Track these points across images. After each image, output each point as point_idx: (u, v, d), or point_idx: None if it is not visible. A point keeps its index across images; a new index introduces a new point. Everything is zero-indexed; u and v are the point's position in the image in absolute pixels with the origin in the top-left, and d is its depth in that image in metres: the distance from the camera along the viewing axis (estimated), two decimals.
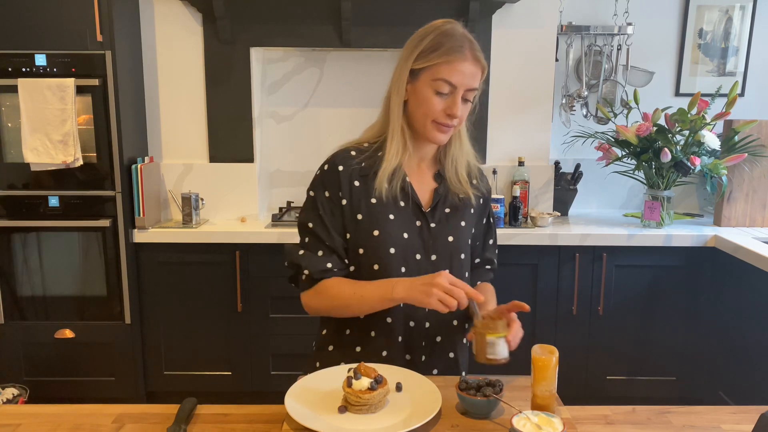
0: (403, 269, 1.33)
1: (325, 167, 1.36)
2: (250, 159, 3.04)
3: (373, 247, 1.32)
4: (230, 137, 3.02)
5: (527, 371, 1.16)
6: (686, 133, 2.77)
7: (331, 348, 1.42)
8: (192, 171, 3.05)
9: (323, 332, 1.45)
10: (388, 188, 1.33)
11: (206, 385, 2.89)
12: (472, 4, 2.82)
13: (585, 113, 3.17)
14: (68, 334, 2.80)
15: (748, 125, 2.83)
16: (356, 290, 1.31)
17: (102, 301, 2.79)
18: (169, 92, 3.00)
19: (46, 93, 2.59)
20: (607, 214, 3.21)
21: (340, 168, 1.34)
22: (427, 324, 1.37)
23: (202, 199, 2.97)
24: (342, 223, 1.34)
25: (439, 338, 1.39)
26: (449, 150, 1.40)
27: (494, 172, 3.05)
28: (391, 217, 1.33)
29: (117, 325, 2.80)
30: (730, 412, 1.19)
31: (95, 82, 2.62)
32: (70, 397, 2.81)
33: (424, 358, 1.38)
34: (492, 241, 1.52)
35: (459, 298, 1.19)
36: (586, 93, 3.14)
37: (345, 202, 1.34)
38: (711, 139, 2.73)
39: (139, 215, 2.77)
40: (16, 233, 2.74)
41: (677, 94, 3.25)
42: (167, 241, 2.78)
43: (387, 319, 1.35)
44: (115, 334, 2.81)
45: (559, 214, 3.09)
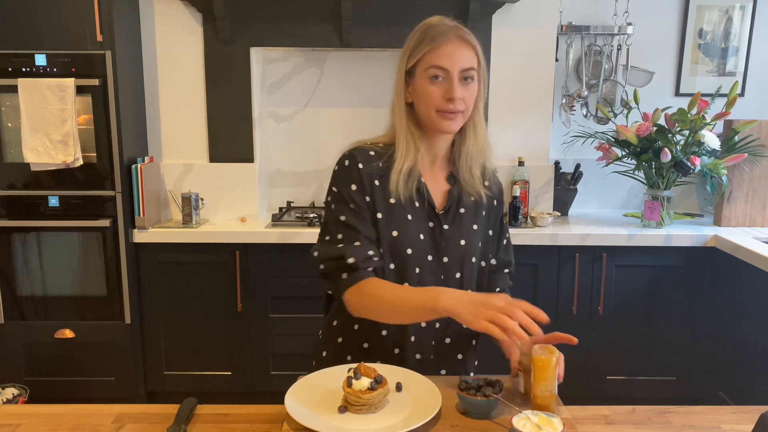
0: (418, 270, 1.34)
1: (346, 163, 1.34)
2: (250, 159, 3.04)
3: (392, 247, 1.32)
4: (230, 137, 3.02)
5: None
6: (686, 133, 2.77)
7: (340, 340, 1.41)
8: (192, 171, 3.05)
9: (333, 323, 1.43)
10: (404, 189, 1.32)
11: (206, 385, 2.89)
12: (472, 4, 2.82)
13: (585, 113, 3.17)
14: (68, 334, 2.80)
15: (748, 125, 2.83)
16: (399, 294, 1.25)
17: (102, 301, 2.79)
18: (169, 92, 3.00)
19: (46, 93, 2.59)
20: (607, 214, 3.21)
21: (361, 166, 1.33)
22: (437, 324, 1.37)
23: (202, 199, 2.97)
24: (369, 214, 1.33)
25: (448, 340, 1.39)
26: (464, 145, 1.38)
27: (494, 172, 3.05)
28: (409, 218, 1.33)
29: (117, 325, 2.80)
30: (730, 412, 1.19)
31: (95, 82, 2.62)
32: (70, 397, 2.81)
33: (432, 357, 1.38)
34: (506, 242, 1.50)
35: (519, 320, 1.08)
36: (586, 93, 3.14)
37: (368, 199, 1.33)
38: (711, 139, 2.73)
39: (139, 215, 2.77)
40: (16, 233, 2.74)
41: (677, 94, 3.25)
42: (167, 241, 2.78)
43: None
44: (115, 334, 2.81)
45: (559, 214, 3.09)
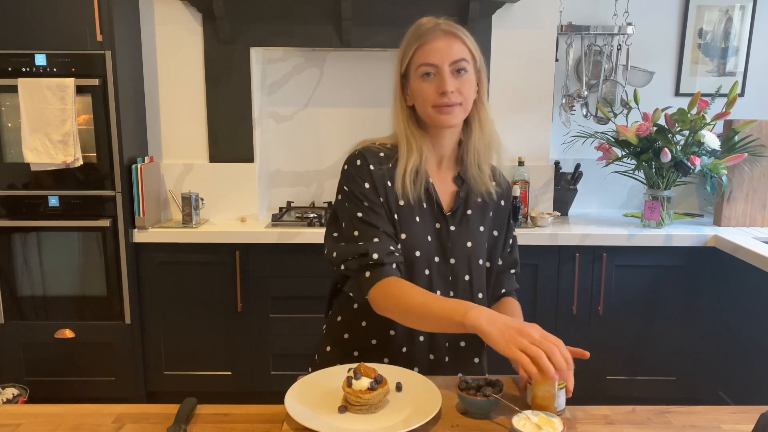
0: (427, 272, 1.34)
1: (358, 162, 1.33)
2: (250, 159, 3.04)
3: (402, 250, 1.32)
4: (230, 137, 3.02)
5: None
6: (686, 133, 2.77)
7: (346, 336, 1.40)
8: (192, 171, 3.05)
9: (337, 319, 1.43)
10: (412, 190, 1.32)
11: (206, 385, 2.89)
12: (472, 4, 2.82)
13: (585, 113, 3.17)
14: (68, 334, 2.80)
15: (748, 125, 2.83)
16: (425, 300, 1.21)
17: (102, 301, 2.79)
18: (169, 92, 3.00)
19: (46, 93, 2.59)
20: (607, 214, 3.21)
21: (372, 167, 1.32)
22: None
23: (202, 199, 2.97)
24: (386, 213, 1.31)
25: (463, 343, 1.38)
26: (470, 141, 1.37)
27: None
28: (417, 220, 1.33)
29: (117, 325, 2.80)
30: (730, 412, 1.19)
31: (95, 82, 2.62)
32: (70, 397, 2.81)
33: (447, 359, 1.38)
34: (512, 241, 1.49)
35: (555, 361, 1.02)
36: (586, 93, 3.14)
37: (382, 199, 1.32)
38: (711, 139, 2.73)
39: (139, 215, 2.77)
40: (16, 233, 2.74)
41: (677, 94, 3.25)
42: (167, 241, 2.78)
43: None
44: (115, 334, 2.81)
45: (559, 214, 3.09)
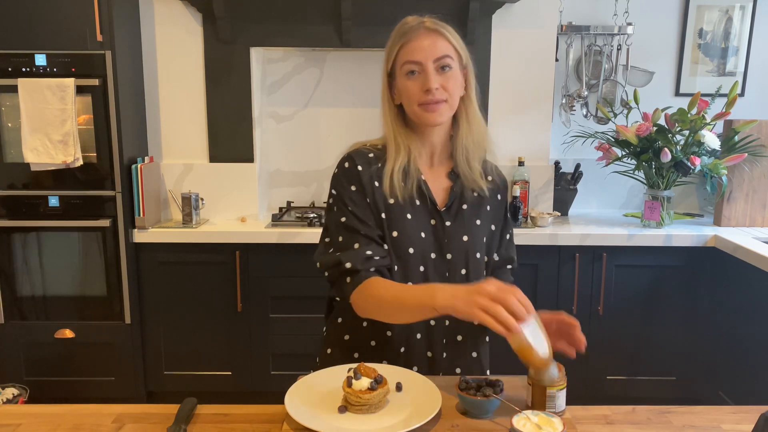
0: (422, 268, 1.34)
1: (346, 165, 1.35)
2: (250, 159, 3.04)
3: (394, 248, 1.32)
4: (230, 137, 3.02)
5: (526, 370, 1.15)
6: (686, 133, 2.77)
7: (347, 338, 1.41)
8: (192, 171, 3.05)
9: (338, 320, 1.43)
10: (401, 189, 1.33)
11: (206, 385, 2.89)
12: (472, 4, 2.82)
13: (585, 113, 3.17)
14: (68, 334, 2.80)
15: (748, 125, 2.83)
16: (397, 295, 1.24)
17: (102, 301, 2.79)
18: (169, 92, 3.00)
19: (46, 93, 2.59)
20: (607, 214, 3.21)
21: (360, 168, 1.34)
22: (447, 322, 1.36)
23: (202, 199, 2.97)
24: (371, 214, 1.32)
25: (460, 337, 1.39)
26: (458, 138, 1.38)
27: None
28: (409, 217, 1.33)
29: (117, 325, 2.80)
30: (730, 412, 1.19)
31: (95, 82, 2.62)
32: (70, 397, 2.81)
33: (445, 355, 1.38)
34: (509, 236, 1.47)
35: (510, 306, 1.04)
36: (586, 93, 3.14)
37: (369, 200, 1.33)
38: (711, 139, 2.73)
39: (139, 215, 2.77)
40: (16, 233, 2.74)
41: (677, 94, 3.25)
42: (167, 241, 2.78)
43: None
44: (115, 334, 2.81)
45: (559, 214, 3.09)
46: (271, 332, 2.85)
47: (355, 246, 1.30)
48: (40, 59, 2.61)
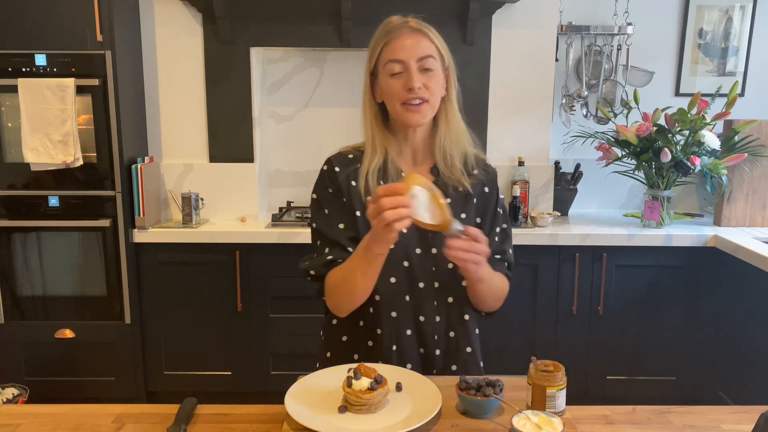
0: (406, 263, 1.34)
1: (324, 168, 1.42)
2: (250, 159, 3.04)
3: None
4: (230, 137, 3.02)
5: (526, 370, 1.15)
6: (686, 133, 2.77)
7: (345, 339, 1.42)
8: (192, 171, 3.05)
9: (333, 322, 1.44)
10: (378, 187, 1.34)
11: (206, 385, 2.89)
12: (472, 4, 2.82)
13: (585, 113, 3.17)
14: (68, 334, 2.80)
15: (748, 125, 2.83)
16: (343, 267, 1.30)
17: (102, 301, 2.79)
18: (169, 92, 3.00)
19: (46, 93, 2.59)
20: (607, 214, 3.21)
21: (337, 169, 1.39)
22: (438, 318, 1.37)
23: (202, 199, 2.97)
24: (345, 215, 1.35)
25: (452, 333, 1.39)
26: (437, 137, 1.39)
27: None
28: None
29: (117, 325, 2.80)
30: (730, 412, 1.19)
31: (95, 82, 2.62)
32: (70, 397, 2.81)
33: (438, 352, 1.38)
34: (499, 230, 1.45)
35: (383, 206, 1.10)
36: (586, 93, 3.14)
37: (345, 200, 1.37)
38: (711, 139, 2.73)
39: (139, 215, 2.77)
40: (16, 233, 2.74)
41: (677, 94, 3.25)
42: (167, 241, 2.78)
43: (392, 313, 1.35)
44: (115, 334, 2.81)
45: (559, 214, 3.09)
46: (271, 332, 2.85)
47: (324, 251, 1.36)
48: (40, 59, 2.61)
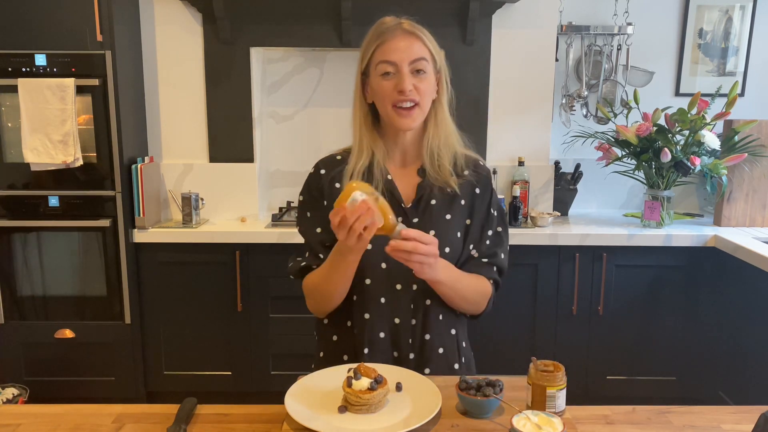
0: (384, 265, 1.33)
1: (311, 171, 1.43)
2: (250, 159, 3.04)
3: None
4: (230, 137, 3.02)
5: (526, 370, 1.15)
6: (686, 133, 2.77)
7: (335, 338, 1.42)
8: (192, 171, 3.05)
9: (324, 321, 1.45)
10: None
11: (206, 385, 2.89)
12: (472, 4, 2.82)
13: (585, 113, 3.17)
14: (68, 334, 2.80)
15: (748, 125, 2.83)
16: (318, 272, 1.33)
17: (102, 301, 2.79)
18: (169, 92, 3.00)
19: (46, 93, 2.59)
20: (607, 214, 3.21)
21: (323, 172, 1.41)
22: (414, 321, 1.36)
23: (202, 199, 2.97)
24: (324, 219, 1.32)
25: (428, 336, 1.37)
26: (425, 137, 1.38)
27: (494, 172, 3.05)
28: None
29: (117, 325, 2.80)
30: (730, 412, 1.19)
31: (95, 82, 2.62)
32: (70, 397, 2.81)
33: (412, 356, 1.37)
34: (491, 232, 1.42)
35: (345, 224, 1.13)
36: (586, 93, 3.14)
37: (326, 203, 1.37)
38: (711, 139, 2.73)
39: (139, 215, 2.77)
40: (16, 233, 2.74)
41: (677, 94, 3.25)
42: (167, 241, 2.78)
43: (365, 315, 1.35)
44: (115, 334, 2.81)
45: (559, 214, 3.09)
46: (271, 332, 2.85)
47: (302, 255, 1.40)
48: (40, 59, 2.61)
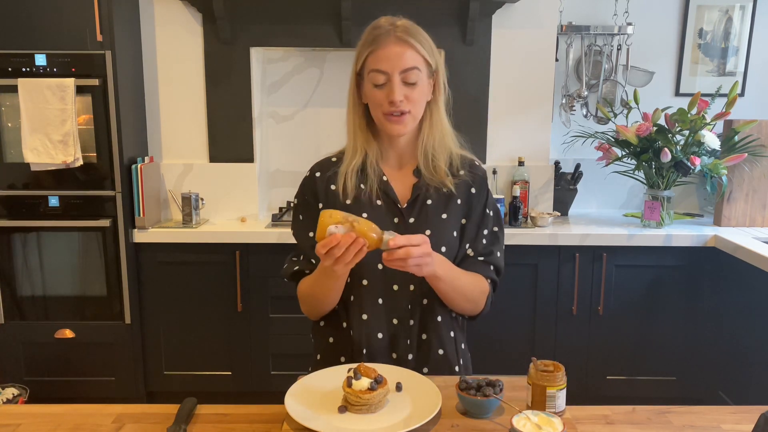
0: (380, 266, 1.33)
1: (307, 174, 1.43)
2: (250, 159, 3.04)
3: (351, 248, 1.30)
4: (230, 137, 3.02)
5: (526, 370, 1.16)
6: (686, 133, 2.77)
7: (331, 340, 1.42)
8: (192, 171, 3.05)
9: (320, 323, 1.45)
10: (359, 189, 1.35)
11: (206, 385, 2.89)
12: (472, 4, 2.82)
13: (585, 113, 3.17)
14: (68, 334, 2.80)
15: (748, 125, 2.83)
16: (311, 278, 1.35)
17: (102, 301, 2.79)
18: (169, 92, 3.00)
19: (46, 93, 2.59)
20: (607, 214, 3.21)
21: (318, 174, 1.41)
22: (412, 321, 1.36)
23: (202, 199, 2.97)
24: (314, 225, 1.31)
25: (425, 336, 1.38)
26: (420, 138, 1.38)
27: (494, 172, 3.05)
28: (365, 216, 1.32)
29: (117, 325, 2.80)
30: (730, 412, 1.19)
31: (95, 82, 2.62)
32: (70, 397, 2.81)
33: (411, 356, 1.37)
34: (487, 231, 1.43)
35: (334, 253, 1.14)
36: (586, 93, 3.14)
37: (321, 206, 1.38)
38: (711, 139, 2.73)
39: (139, 215, 2.77)
40: (16, 233, 2.74)
41: (677, 94, 3.25)
42: (167, 241, 2.78)
43: (363, 316, 1.35)
44: (115, 334, 2.81)
45: (559, 214, 3.09)
46: (271, 332, 2.85)
47: (295, 259, 1.41)
48: (40, 59, 2.61)
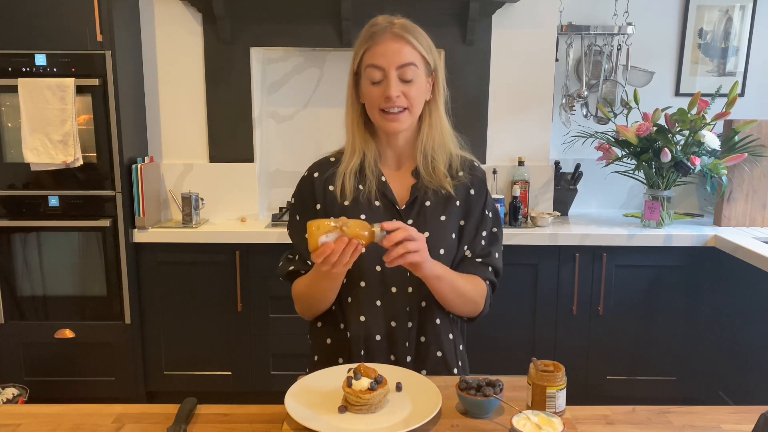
0: (378, 268, 1.33)
1: (305, 174, 1.43)
2: (250, 159, 3.04)
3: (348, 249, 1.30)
4: (230, 137, 3.02)
5: (526, 370, 1.15)
6: (686, 133, 2.77)
7: (329, 341, 1.42)
8: (192, 171, 3.05)
9: (318, 324, 1.45)
10: (357, 189, 1.35)
11: (206, 385, 2.89)
12: (472, 4, 2.82)
13: (585, 113, 3.17)
14: (68, 334, 2.80)
15: (748, 125, 2.83)
16: (306, 278, 1.35)
17: (102, 301, 2.79)
18: (169, 92, 3.00)
19: (46, 93, 2.59)
20: (607, 214, 3.21)
21: (316, 174, 1.41)
22: (410, 324, 1.35)
23: (202, 199, 2.97)
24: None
25: (423, 338, 1.37)
26: (419, 139, 1.37)
27: (494, 172, 3.05)
28: (363, 217, 1.32)
29: (117, 325, 2.80)
30: (730, 412, 1.19)
31: (95, 82, 2.62)
32: (70, 397, 2.81)
33: (409, 359, 1.37)
34: (485, 233, 1.42)
35: (331, 260, 1.15)
36: (586, 93, 3.14)
37: (319, 207, 1.37)
38: (711, 139, 2.73)
39: (139, 215, 2.77)
40: (16, 233, 2.74)
41: (677, 94, 3.25)
42: (167, 241, 2.78)
43: (361, 318, 1.35)
44: (115, 334, 2.81)
45: (559, 214, 3.09)
46: (271, 332, 2.85)
47: (289, 259, 1.41)
48: (40, 59, 2.61)
